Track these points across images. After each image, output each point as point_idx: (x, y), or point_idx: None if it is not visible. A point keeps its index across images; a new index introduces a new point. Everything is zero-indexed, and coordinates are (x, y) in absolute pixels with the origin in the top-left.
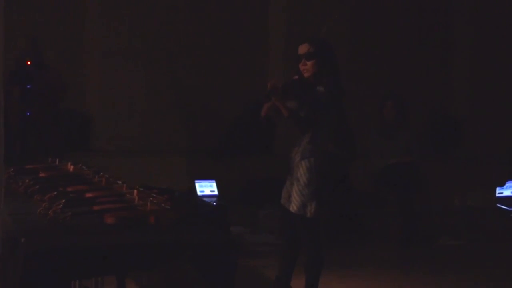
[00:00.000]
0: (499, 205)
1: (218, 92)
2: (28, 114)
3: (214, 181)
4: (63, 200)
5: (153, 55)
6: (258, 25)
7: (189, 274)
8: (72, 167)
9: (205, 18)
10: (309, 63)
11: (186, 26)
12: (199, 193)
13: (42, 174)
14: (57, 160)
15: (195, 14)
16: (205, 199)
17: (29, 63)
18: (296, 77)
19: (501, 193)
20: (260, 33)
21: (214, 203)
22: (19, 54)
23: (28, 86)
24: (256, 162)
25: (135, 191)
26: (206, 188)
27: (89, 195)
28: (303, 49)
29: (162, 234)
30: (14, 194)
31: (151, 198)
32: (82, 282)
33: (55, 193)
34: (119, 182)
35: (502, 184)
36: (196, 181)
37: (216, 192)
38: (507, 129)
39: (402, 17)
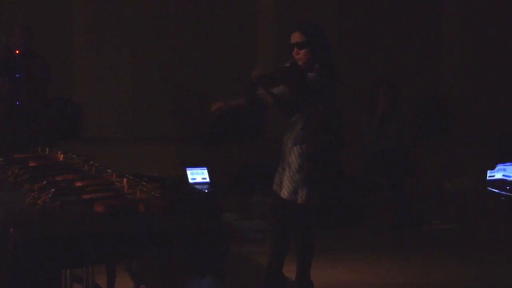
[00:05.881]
0: (490, 188)
1: (208, 79)
2: (17, 103)
3: (205, 168)
4: (53, 190)
5: (142, 43)
6: (247, 12)
7: (180, 262)
8: (62, 156)
9: (194, 5)
10: (301, 51)
11: (175, 14)
12: (190, 181)
13: (31, 163)
14: (47, 149)
15: (185, 0)
16: (196, 186)
17: (17, 52)
18: (288, 64)
19: (492, 176)
20: (249, 19)
21: (206, 190)
22: (9, 43)
23: (17, 75)
24: (247, 148)
25: (125, 180)
26: (198, 175)
27: (78, 184)
28: (295, 37)
29: (152, 222)
30: (3, 183)
31: (140, 187)
32: (72, 271)
33: (45, 182)
34: (109, 170)
35: (492, 167)
36: (187, 168)
37: (207, 179)
38: (497, 113)
39: (391, 2)
